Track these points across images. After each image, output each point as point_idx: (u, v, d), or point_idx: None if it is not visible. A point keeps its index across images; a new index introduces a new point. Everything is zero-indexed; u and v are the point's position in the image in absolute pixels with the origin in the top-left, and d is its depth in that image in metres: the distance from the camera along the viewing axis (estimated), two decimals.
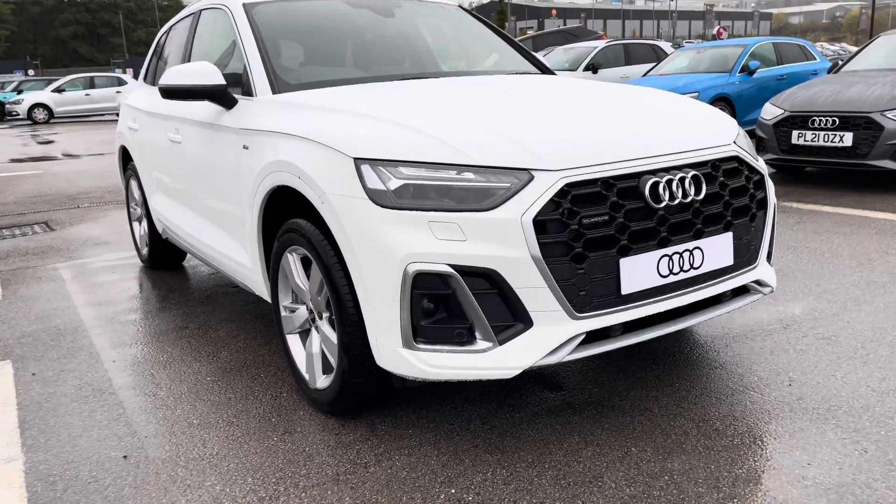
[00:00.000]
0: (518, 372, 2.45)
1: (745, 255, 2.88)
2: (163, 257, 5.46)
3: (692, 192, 2.65)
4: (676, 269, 2.64)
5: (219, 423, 2.98)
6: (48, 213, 8.23)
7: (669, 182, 2.61)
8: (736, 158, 2.88)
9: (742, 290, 2.97)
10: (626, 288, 2.53)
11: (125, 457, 2.74)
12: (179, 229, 4.49)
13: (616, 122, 2.78)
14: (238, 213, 3.46)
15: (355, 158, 2.54)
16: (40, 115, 27.44)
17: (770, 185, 3.06)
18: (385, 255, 2.44)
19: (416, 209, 2.41)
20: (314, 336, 3.01)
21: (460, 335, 2.44)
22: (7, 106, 28.56)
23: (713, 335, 3.65)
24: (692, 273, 2.69)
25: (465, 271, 2.38)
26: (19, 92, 31.29)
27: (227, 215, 3.65)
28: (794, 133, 7.43)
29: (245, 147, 3.28)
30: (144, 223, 5.44)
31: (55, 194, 9.57)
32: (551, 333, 2.45)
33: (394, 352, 2.50)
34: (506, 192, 2.42)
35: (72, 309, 4.64)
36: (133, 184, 5.54)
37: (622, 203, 2.52)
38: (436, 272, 2.38)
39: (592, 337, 2.57)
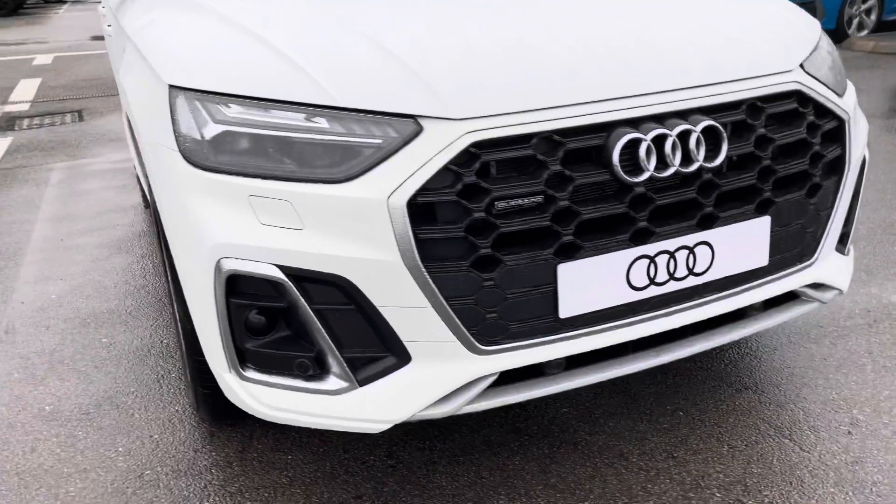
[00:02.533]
0: (386, 427, 1.62)
1: (793, 249, 1.86)
2: None
3: (701, 155, 1.64)
4: (662, 278, 1.68)
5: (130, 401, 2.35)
6: (89, 100, 7.80)
7: (661, 140, 1.61)
8: (797, 94, 1.81)
9: (787, 297, 1.97)
10: (568, 309, 1.61)
11: None
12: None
13: (587, 33, 1.75)
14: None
15: (170, 86, 1.68)
16: None
17: (857, 135, 1.97)
18: (193, 242, 1.62)
19: (236, 173, 1.56)
20: None
21: (303, 366, 1.62)
22: None
23: None
24: (690, 281, 1.72)
25: (302, 277, 1.53)
26: None
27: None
28: None
29: (124, 50, 2.46)
30: None
31: (107, 78, 9.15)
32: (440, 374, 1.60)
33: (220, 377, 1.72)
34: (374, 152, 1.52)
35: (29, 224, 4.12)
36: None
37: (569, 174, 1.56)
38: (259, 275, 1.55)
39: (516, 376, 1.69)
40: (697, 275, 1.72)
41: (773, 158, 1.76)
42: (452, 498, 1.92)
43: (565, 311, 1.60)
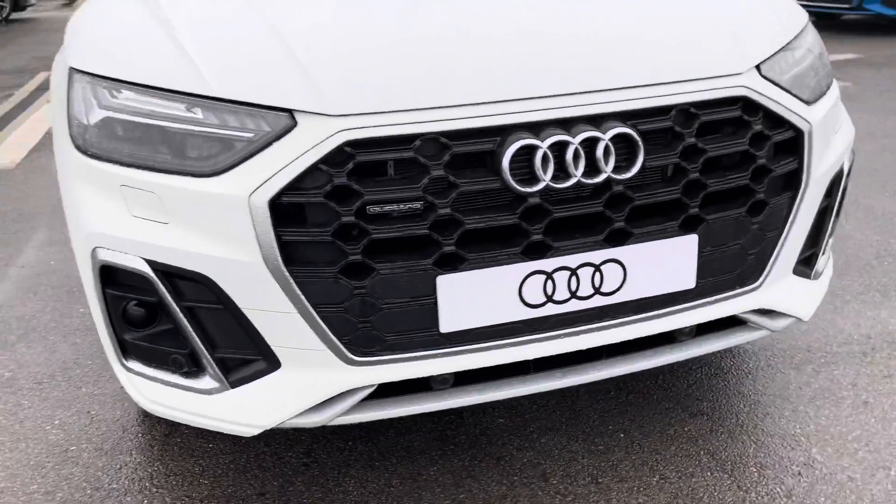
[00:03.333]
0: (257, 432, 1.57)
1: (729, 271, 1.68)
2: None
3: (610, 165, 1.50)
4: (562, 296, 1.55)
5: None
6: None
7: (562, 147, 1.47)
8: (743, 101, 1.63)
9: (730, 322, 1.79)
10: (450, 323, 1.50)
11: None
12: None
13: (500, 27, 1.61)
14: None
15: (70, 67, 1.66)
16: None
17: (822, 148, 1.76)
18: (76, 230, 1.60)
19: (112, 161, 1.51)
20: None
21: (178, 363, 1.58)
22: None
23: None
24: (598, 301, 1.58)
25: (169, 272, 1.49)
26: None
27: None
28: None
29: None
30: None
31: None
32: (311, 382, 1.53)
33: (112, 366, 1.70)
34: (245, 146, 1.45)
35: (56, 190, 4.27)
36: None
37: (453, 180, 1.45)
38: (129, 268, 1.51)
39: (399, 389, 1.60)
40: (606, 294, 1.58)
41: (703, 172, 1.59)
42: None
43: (447, 325, 1.50)
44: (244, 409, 1.56)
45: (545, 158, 1.46)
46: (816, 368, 2.33)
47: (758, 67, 1.68)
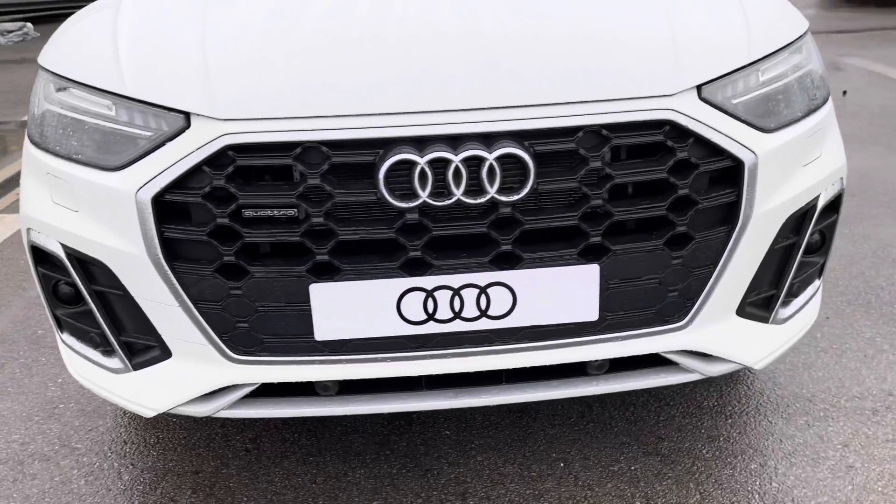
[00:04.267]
0: (153, 414, 1.66)
1: (643, 307, 1.57)
2: None
3: (495, 186, 1.44)
4: (445, 315, 1.51)
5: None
6: None
7: (444, 164, 1.44)
8: (670, 125, 1.50)
9: (657, 361, 1.67)
10: (325, 332, 1.51)
11: None
12: None
13: (413, 36, 1.57)
14: None
15: (41, 66, 1.80)
16: None
17: (773, 180, 1.59)
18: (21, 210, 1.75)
19: (44, 150, 1.64)
20: None
21: (94, 341, 1.70)
22: None
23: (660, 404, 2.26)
24: (486, 324, 1.53)
25: (78, 257, 1.60)
26: None
27: None
28: None
29: None
30: None
31: None
32: (197, 373, 1.59)
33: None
34: (146, 144, 1.53)
35: None
36: None
37: (329, 190, 1.45)
38: (48, 250, 1.64)
39: (284, 390, 1.63)
40: (494, 318, 1.52)
41: (608, 199, 1.49)
42: (273, 495, 1.91)
43: (322, 333, 1.51)
44: (143, 391, 1.65)
45: (423, 175, 1.43)
46: (810, 421, 2.11)
47: (699, 88, 1.55)
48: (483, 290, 1.50)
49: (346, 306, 1.49)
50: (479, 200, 1.45)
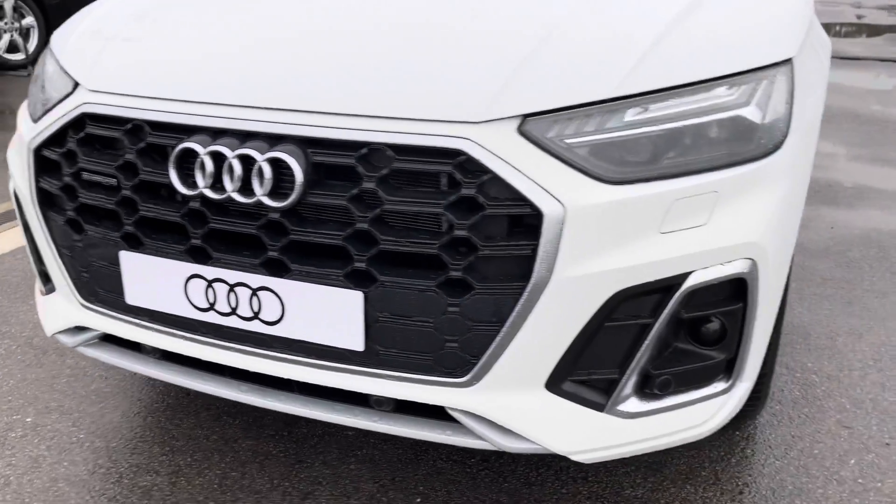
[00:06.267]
0: (49, 334, 1.89)
1: (420, 352, 1.41)
2: None
3: (263, 188, 1.41)
4: (223, 308, 1.52)
5: None
6: None
7: (221, 158, 1.44)
8: (464, 156, 1.32)
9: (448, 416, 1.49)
10: (133, 297, 1.62)
11: None
12: None
13: (275, 37, 1.56)
14: None
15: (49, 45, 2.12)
16: None
17: (600, 243, 1.32)
18: None
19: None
20: None
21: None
22: None
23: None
24: (260, 327, 1.51)
25: (17, 196, 1.88)
26: None
27: None
28: None
29: None
30: None
31: None
32: (65, 310, 1.80)
33: None
34: (52, 102, 1.75)
35: None
36: None
37: (138, 166, 1.54)
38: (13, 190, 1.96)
39: (126, 344, 1.76)
40: (268, 324, 1.48)
41: (375, 224, 1.35)
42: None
43: (130, 298, 1.61)
44: (46, 314, 1.90)
45: (203, 166, 1.44)
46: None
47: (525, 118, 1.33)
48: (255, 291, 1.47)
49: (146, 278, 1.58)
50: (248, 201, 1.42)
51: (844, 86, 6.52)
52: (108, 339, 1.78)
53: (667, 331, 1.39)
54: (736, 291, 1.41)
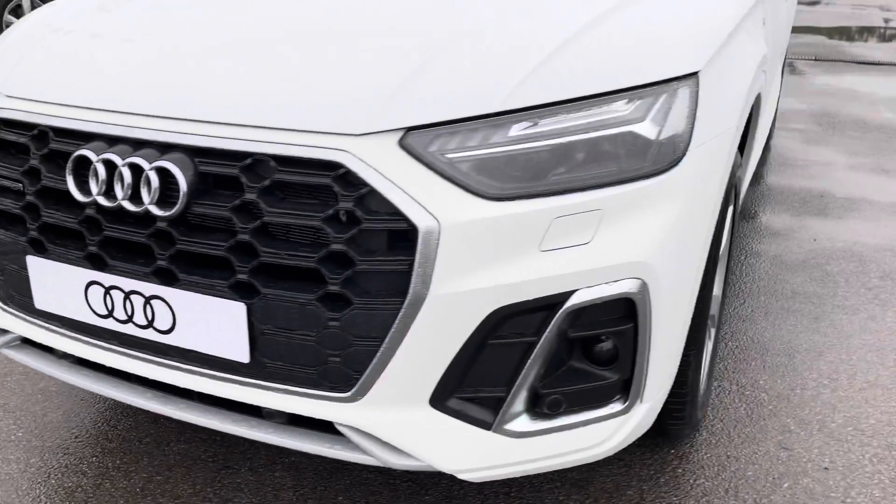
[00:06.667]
0: None
1: (303, 365, 1.40)
2: None
3: (150, 197, 1.40)
4: (121, 316, 1.53)
5: None
6: None
7: (112, 167, 1.44)
8: (343, 169, 1.31)
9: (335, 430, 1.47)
10: (40, 301, 1.63)
11: None
12: None
13: (195, 42, 1.57)
14: None
15: None
16: None
17: (481, 259, 1.29)
18: None
19: None
20: None
21: None
22: None
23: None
24: (154, 336, 1.51)
25: None
26: None
27: None
28: None
29: None
30: None
31: None
32: None
33: None
34: None
35: None
36: None
37: (41, 172, 1.55)
38: None
39: (43, 347, 1.77)
40: (161, 332, 1.48)
41: (256, 235, 1.34)
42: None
43: (38, 302, 1.62)
44: None
45: (96, 173, 1.44)
46: None
47: (408, 131, 1.31)
48: (148, 300, 1.47)
49: (51, 283, 1.58)
50: (137, 209, 1.42)
51: (859, 92, 6.34)
52: (28, 343, 1.80)
53: (554, 349, 1.36)
54: (626, 311, 1.37)
